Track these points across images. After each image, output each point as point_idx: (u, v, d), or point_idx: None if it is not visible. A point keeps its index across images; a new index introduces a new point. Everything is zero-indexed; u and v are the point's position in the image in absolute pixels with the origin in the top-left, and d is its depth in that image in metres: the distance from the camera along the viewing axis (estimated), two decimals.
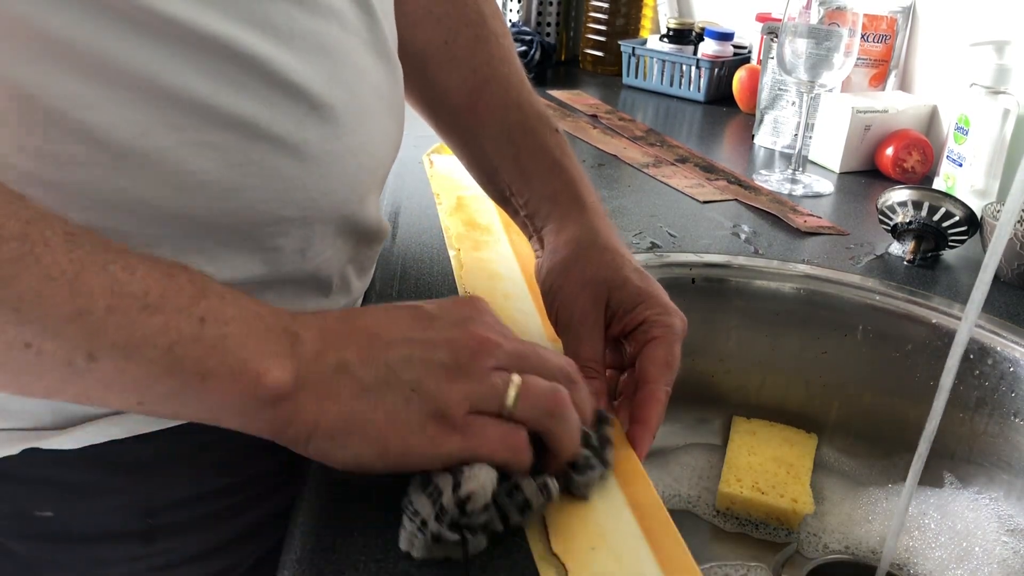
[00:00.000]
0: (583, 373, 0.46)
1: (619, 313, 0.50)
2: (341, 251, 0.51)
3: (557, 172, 0.55)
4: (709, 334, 0.76)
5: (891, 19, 1.08)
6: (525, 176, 0.55)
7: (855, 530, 0.66)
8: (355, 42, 0.47)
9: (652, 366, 0.47)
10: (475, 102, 0.57)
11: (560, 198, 0.54)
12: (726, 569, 0.63)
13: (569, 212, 0.53)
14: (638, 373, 0.48)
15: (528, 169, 0.55)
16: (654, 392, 0.47)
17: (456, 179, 0.88)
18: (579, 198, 0.54)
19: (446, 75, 0.58)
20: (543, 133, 0.56)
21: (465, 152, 0.59)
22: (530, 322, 0.59)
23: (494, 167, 0.57)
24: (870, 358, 0.73)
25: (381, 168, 0.50)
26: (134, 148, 0.38)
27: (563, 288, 0.51)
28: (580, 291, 0.50)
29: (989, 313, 0.69)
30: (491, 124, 0.57)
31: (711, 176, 0.98)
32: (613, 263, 0.51)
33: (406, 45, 0.57)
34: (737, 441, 0.73)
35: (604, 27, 1.48)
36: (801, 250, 0.79)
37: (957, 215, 0.74)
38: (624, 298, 0.49)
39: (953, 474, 0.69)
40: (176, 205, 0.40)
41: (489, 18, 0.60)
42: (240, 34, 0.40)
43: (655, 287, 0.51)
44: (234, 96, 0.40)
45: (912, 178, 1.00)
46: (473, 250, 0.69)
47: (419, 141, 1.01)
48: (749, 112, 1.26)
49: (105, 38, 0.36)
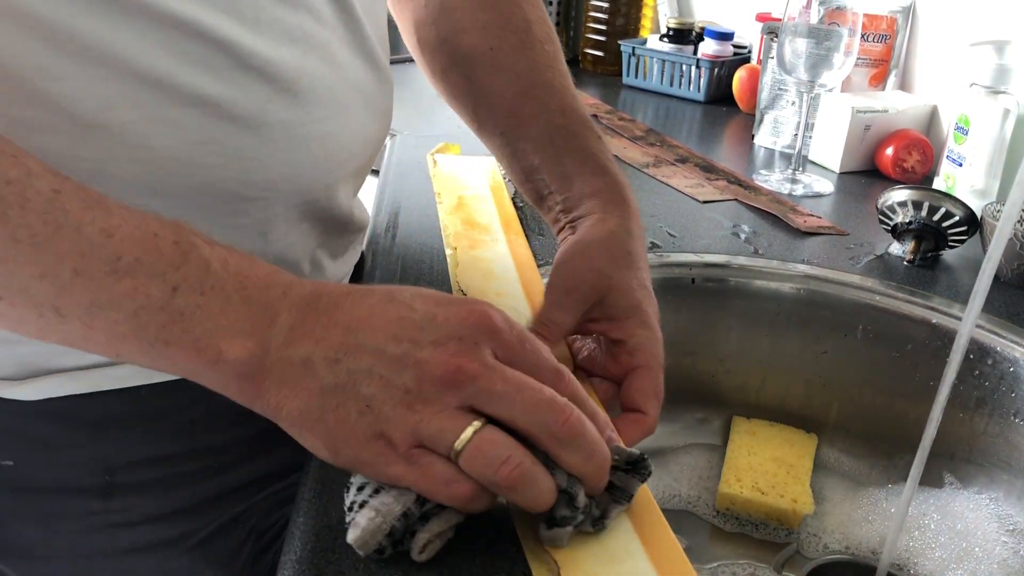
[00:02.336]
0: (538, 332, 0.46)
1: (610, 313, 0.49)
2: (307, 236, 0.52)
3: (600, 174, 0.55)
4: (709, 334, 0.76)
5: (891, 19, 1.08)
6: (567, 178, 0.55)
7: (855, 530, 0.66)
8: (330, 36, 0.48)
9: (643, 398, 0.46)
10: (519, 106, 0.57)
11: (603, 196, 0.53)
12: (733, 568, 0.63)
13: (612, 209, 0.52)
14: (626, 400, 0.47)
15: (571, 171, 0.55)
16: (645, 422, 0.46)
17: (459, 179, 0.88)
18: (624, 199, 0.54)
19: (491, 80, 0.59)
20: (587, 137, 0.56)
21: (505, 152, 0.59)
22: (523, 320, 0.59)
23: (534, 167, 0.56)
24: (870, 358, 0.73)
25: (353, 161, 0.51)
26: (98, 120, 0.39)
27: (574, 261, 0.50)
28: (587, 272, 0.49)
29: (989, 313, 0.69)
30: (534, 127, 0.56)
31: (711, 176, 0.98)
32: (628, 269, 0.50)
33: (454, 51, 0.59)
34: (737, 441, 0.73)
35: (604, 27, 1.48)
36: (801, 250, 0.79)
37: (957, 215, 0.74)
38: (620, 304, 0.49)
39: (953, 474, 0.69)
40: (137, 178, 0.41)
41: (534, 24, 0.60)
42: (205, 16, 0.41)
43: (652, 310, 0.50)
44: (197, 75, 0.41)
45: (912, 178, 1.00)
46: (470, 249, 0.70)
47: (420, 141, 1.01)
48: (749, 112, 1.26)
49: (73, 14, 0.38)
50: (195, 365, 0.35)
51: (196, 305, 0.35)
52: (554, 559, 0.38)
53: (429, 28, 0.61)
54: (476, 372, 0.35)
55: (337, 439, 0.35)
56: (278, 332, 0.36)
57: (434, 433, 0.35)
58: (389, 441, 0.35)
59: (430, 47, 0.62)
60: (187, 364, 0.36)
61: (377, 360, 0.35)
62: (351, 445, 0.35)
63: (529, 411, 0.35)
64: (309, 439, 0.36)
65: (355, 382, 0.35)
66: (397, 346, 0.36)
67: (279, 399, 0.36)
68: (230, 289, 0.36)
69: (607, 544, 0.39)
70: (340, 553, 0.38)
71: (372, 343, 0.36)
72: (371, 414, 0.35)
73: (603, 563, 0.38)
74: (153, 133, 0.40)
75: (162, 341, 0.35)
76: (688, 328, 0.76)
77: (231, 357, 0.35)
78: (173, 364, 0.36)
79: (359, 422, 0.35)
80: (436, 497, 0.36)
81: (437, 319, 0.37)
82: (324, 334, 0.36)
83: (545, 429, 0.35)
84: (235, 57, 0.42)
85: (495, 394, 0.35)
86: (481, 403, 0.35)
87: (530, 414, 0.35)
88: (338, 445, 0.36)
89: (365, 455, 0.35)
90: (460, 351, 0.36)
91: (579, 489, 0.37)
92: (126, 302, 0.34)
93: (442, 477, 0.35)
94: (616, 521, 0.40)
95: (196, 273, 0.35)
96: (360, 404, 0.35)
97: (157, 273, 0.35)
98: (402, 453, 0.35)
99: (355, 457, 0.36)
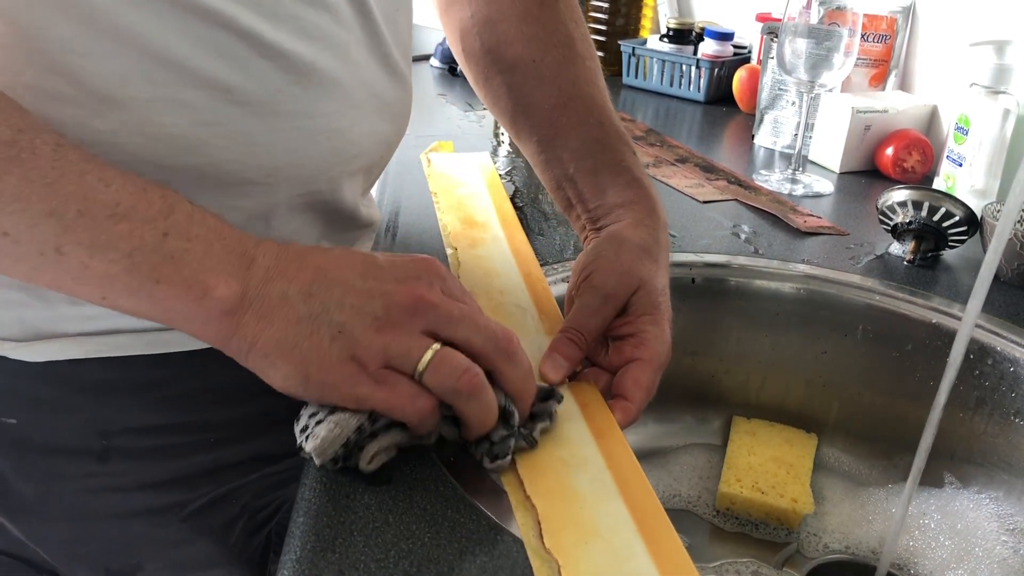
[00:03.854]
0: (572, 339, 0.49)
1: (628, 310, 0.51)
2: (311, 226, 0.54)
3: (635, 187, 0.56)
4: (709, 334, 0.76)
5: (891, 19, 1.08)
6: (600, 188, 0.57)
7: (855, 530, 0.66)
8: (348, 37, 0.50)
9: (634, 387, 0.48)
10: (558, 117, 0.59)
11: (635, 207, 0.55)
12: (737, 567, 0.63)
13: (642, 219, 0.54)
14: (617, 385, 0.49)
15: (604, 182, 0.57)
16: (628, 410, 0.48)
17: (454, 177, 0.88)
18: (655, 211, 0.56)
19: (532, 90, 0.61)
20: (622, 151, 0.58)
21: (540, 159, 0.61)
22: (527, 317, 0.60)
23: (569, 175, 0.58)
24: (870, 358, 0.73)
25: (361, 159, 0.53)
26: (114, 95, 0.42)
27: (606, 262, 0.51)
28: (621, 276, 0.51)
29: (989, 313, 0.69)
30: (572, 138, 0.58)
31: (711, 176, 0.98)
32: (653, 275, 0.52)
33: (497, 60, 0.62)
34: (737, 441, 0.73)
35: (604, 27, 1.48)
36: (801, 250, 0.79)
37: (957, 215, 0.74)
38: (641, 303, 0.51)
39: (953, 474, 0.69)
40: (146, 152, 0.43)
41: (578, 41, 0.62)
42: (225, 5, 0.43)
43: (668, 314, 0.52)
44: (212, 60, 0.43)
45: (912, 178, 1.00)
46: (470, 248, 0.70)
47: (419, 141, 1.01)
48: (749, 112, 1.26)
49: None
50: (183, 303, 0.39)
51: (184, 249, 0.38)
52: (555, 558, 0.38)
53: (474, 38, 0.64)
54: (436, 301, 0.41)
55: (310, 364, 0.39)
56: (256, 272, 0.40)
57: (401, 353, 0.39)
58: (360, 363, 0.39)
59: (475, 56, 0.64)
60: (175, 302, 0.39)
61: (347, 292, 0.40)
62: (323, 369, 0.39)
63: (482, 332, 0.41)
64: (282, 368, 0.39)
65: (328, 311, 0.39)
66: (364, 281, 0.40)
67: (256, 332, 0.39)
68: (212, 238, 0.40)
69: (610, 543, 0.39)
70: (340, 553, 0.39)
71: (342, 278, 0.40)
72: (343, 338, 0.39)
73: (605, 562, 0.38)
74: (164, 111, 0.43)
75: (153, 280, 0.38)
76: (688, 328, 0.76)
77: (217, 294, 0.39)
78: (159, 303, 0.39)
79: (332, 346, 0.39)
80: (400, 413, 0.40)
81: (396, 263, 0.42)
82: (297, 274, 0.40)
83: (496, 347, 0.41)
84: (250, 46, 0.44)
85: (453, 318, 0.41)
86: (440, 327, 0.40)
87: (482, 335, 0.41)
88: (310, 370, 0.39)
89: (336, 377, 0.39)
90: (420, 286, 0.41)
91: (514, 408, 0.43)
92: (123, 243, 0.38)
93: (408, 393, 0.40)
94: (619, 519, 0.40)
95: (182, 222, 0.39)
96: (333, 330, 0.39)
97: (149, 219, 0.38)
98: (371, 373, 0.39)
99: (325, 380, 0.39)
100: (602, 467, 0.44)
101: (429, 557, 0.39)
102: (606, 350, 0.51)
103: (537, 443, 0.45)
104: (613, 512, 0.41)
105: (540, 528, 0.39)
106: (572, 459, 0.45)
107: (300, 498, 0.43)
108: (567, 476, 0.43)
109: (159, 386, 0.50)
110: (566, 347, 0.49)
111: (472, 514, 0.42)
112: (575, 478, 0.43)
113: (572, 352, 0.49)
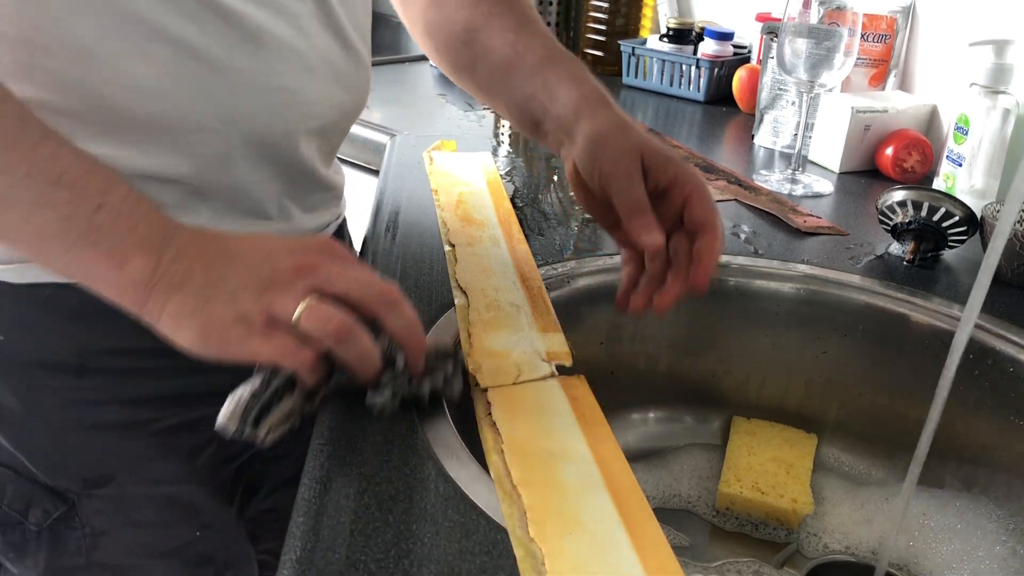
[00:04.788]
0: (634, 217, 0.54)
1: (652, 170, 0.56)
2: (271, 181, 0.60)
3: (581, 84, 0.61)
4: (709, 334, 0.76)
5: (891, 19, 1.08)
6: (552, 93, 0.62)
7: (855, 530, 0.67)
8: (301, 9, 0.57)
9: (703, 208, 0.55)
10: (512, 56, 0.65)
11: (588, 101, 0.60)
12: (738, 566, 0.63)
13: (598, 109, 0.60)
14: (690, 219, 0.55)
15: (555, 88, 0.62)
16: (715, 233, 0.54)
17: (456, 175, 0.88)
18: (606, 99, 0.61)
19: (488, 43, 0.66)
20: (572, 62, 0.64)
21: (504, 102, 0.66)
22: (520, 314, 0.60)
23: (528, 95, 0.63)
24: (870, 358, 0.73)
25: (314, 120, 0.58)
26: (92, 49, 0.49)
27: (604, 153, 0.57)
28: (621, 154, 0.56)
29: (989, 313, 0.69)
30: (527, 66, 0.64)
31: (711, 176, 0.98)
32: (644, 137, 0.58)
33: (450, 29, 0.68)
34: (737, 441, 0.73)
35: (604, 27, 1.48)
36: (801, 250, 0.79)
37: (957, 215, 0.74)
38: (656, 159, 0.56)
39: (953, 474, 0.69)
40: (118, 100, 0.50)
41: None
42: None
43: (674, 153, 0.58)
44: (173, 17, 0.50)
45: (912, 178, 1.00)
46: (467, 245, 0.70)
47: (419, 141, 1.01)
48: (749, 112, 1.26)
49: None
50: (104, 269, 0.44)
51: (112, 223, 0.44)
52: (540, 547, 0.38)
53: (425, 14, 0.70)
54: (319, 263, 0.46)
55: (208, 327, 0.44)
56: (168, 251, 0.45)
57: (282, 309, 0.44)
58: (249, 322, 0.44)
59: (431, 32, 0.71)
60: (95, 267, 0.44)
61: (242, 263, 0.46)
62: (219, 329, 0.44)
63: (363, 286, 0.46)
64: (184, 334, 0.45)
65: (224, 279, 0.45)
66: (259, 253, 0.46)
67: (165, 302, 0.45)
68: (139, 218, 0.45)
69: (594, 534, 0.39)
70: (340, 553, 0.39)
71: (241, 254, 0.46)
72: (235, 301, 0.44)
73: (589, 553, 0.38)
74: (132, 64, 0.49)
75: (80, 245, 0.44)
76: (688, 328, 0.76)
77: (132, 265, 0.44)
78: (82, 266, 0.45)
79: (226, 309, 0.44)
80: (288, 362, 0.45)
81: (296, 241, 0.47)
82: (203, 253, 0.46)
83: (375, 297, 0.46)
84: (208, 7, 0.51)
85: (334, 275, 0.45)
86: (321, 285, 0.45)
87: (363, 288, 0.46)
88: (209, 332, 0.45)
89: (230, 335, 0.44)
90: (309, 254, 0.46)
91: (399, 353, 0.47)
92: (61, 207, 0.43)
93: (291, 344, 0.44)
94: (603, 511, 0.41)
95: (116, 201, 0.45)
96: (227, 295, 0.44)
97: (88, 193, 0.44)
98: (258, 330, 0.44)
99: (221, 338, 0.45)
100: (589, 460, 0.44)
101: (429, 557, 0.39)
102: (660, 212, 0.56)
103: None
104: (598, 504, 0.41)
105: (526, 518, 0.40)
106: (559, 451, 0.45)
107: (300, 498, 0.43)
108: (554, 468, 0.44)
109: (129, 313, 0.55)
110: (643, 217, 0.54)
111: (472, 514, 0.42)
112: (562, 470, 0.44)
113: (650, 219, 0.54)
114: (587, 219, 0.82)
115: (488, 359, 0.54)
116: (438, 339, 0.57)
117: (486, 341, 0.56)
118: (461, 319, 0.59)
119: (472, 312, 0.60)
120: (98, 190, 0.44)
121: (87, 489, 0.59)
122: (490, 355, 0.55)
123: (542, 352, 0.56)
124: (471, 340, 0.56)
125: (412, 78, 1.46)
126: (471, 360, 0.54)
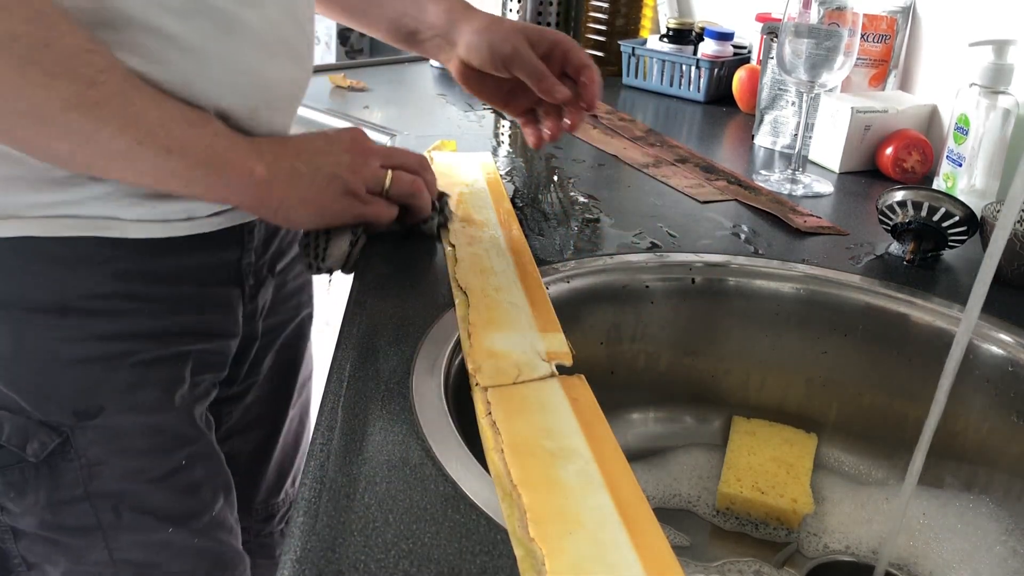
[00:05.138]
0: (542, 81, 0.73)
1: (535, 43, 0.74)
2: None
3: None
4: (709, 334, 0.76)
5: (891, 19, 1.08)
6: (421, 6, 0.79)
7: (855, 530, 0.67)
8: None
9: (578, 56, 0.75)
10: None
11: (456, 9, 0.78)
12: (739, 566, 0.63)
13: (468, 12, 0.78)
14: (572, 66, 0.76)
15: (423, 3, 0.79)
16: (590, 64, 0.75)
17: (456, 175, 0.88)
18: (470, 5, 0.79)
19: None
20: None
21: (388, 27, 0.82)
22: (520, 314, 0.60)
23: (402, 12, 0.80)
24: (870, 358, 0.73)
25: (270, 91, 0.66)
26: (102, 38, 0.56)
27: (497, 41, 0.74)
28: (510, 36, 0.74)
29: (989, 313, 0.69)
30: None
31: (711, 176, 0.98)
32: (515, 21, 0.76)
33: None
34: (737, 441, 0.73)
35: (604, 27, 1.48)
36: (801, 250, 0.79)
37: (957, 215, 0.74)
38: (534, 33, 0.75)
39: (953, 474, 0.69)
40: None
41: None
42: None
43: (520, 23, 0.76)
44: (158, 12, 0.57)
45: (912, 178, 1.00)
46: (468, 245, 0.70)
47: (419, 141, 1.01)
48: (749, 112, 1.26)
49: None
50: (238, 179, 0.58)
51: (228, 147, 0.58)
52: (540, 547, 0.38)
53: None
54: (377, 149, 0.66)
55: (324, 204, 0.62)
56: (266, 157, 0.59)
57: (373, 179, 0.64)
58: (352, 192, 0.63)
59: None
60: (233, 178, 0.58)
61: (325, 156, 0.62)
62: (330, 203, 0.62)
63: (407, 157, 0.68)
64: (303, 210, 0.62)
65: (321, 169, 0.61)
66: (330, 145, 0.63)
67: (282, 193, 0.60)
68: (237, 137, 0.59)
69: (594, 534, 0.39)
70: (340, 553, 0.39)
71: (316, 148, 0.63)
72: (338, 181, 0.62)
73: (589, 553, 0.38)
74: (130, 55, 0.56)
75: (220, 164, 0.57)
76: (688, 328, 0.76)
77: (257, 172, 0.58)
78: (220, 179, 0.58)
79: (331, 187, 0.62)
80: (380, 217, 0.66)
81: (337, 134, 0.65)
82: (290, 152, 0.61)
83: (419, 165, 0.68)
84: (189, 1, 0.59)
85: (390, 154, 0.67)
86: (385, 161, 0.66)
87: (408, 158, 0.68)
88: (325, 206, 0.62)
89: (340, 206, 0.63)
90: (363, 143, 0.65)
91: (436, 199, 0.71)
92: (204, 138, 0.57)
93: (385, 205, 0.66)
94: (604, 511, 0.41)
95: (222, 128, 0.58)
96: (328, 179, 0.62)
97: (208, 127, 0.57)
98: (361, 197, 0.64)
99: (334, 210, 0.63)
100: (589, 459, 0.44)
101: (429, 557, 0.39)
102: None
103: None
104: (598, 504, 0.41)
105: (526, 518, 0.40)
106: (559, 450, 0.45)
107: (300, 498, 0.43)
108: (554, 467, 0.44)
109: (106, 263, 0.61)
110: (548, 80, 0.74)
111: (472, 514, 0.42)
112: (562, 469, 0.44)
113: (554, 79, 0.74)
114: (587, 219, 0.82)
115: (488, 359, 0.54)
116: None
117: (486, 341, 0.56)
118: (461, 319, 0.59)
119: (472, 312, 0.60)
120: (208, 122, 0.57)
121: (80, 421, 0.62)
122: (490, 355, 0.55)
123: (542, 352, 0.56)
124: (471, 340, 0.56)
125: (412, 78, 1.46)
126: (471, 360, 0.54)
